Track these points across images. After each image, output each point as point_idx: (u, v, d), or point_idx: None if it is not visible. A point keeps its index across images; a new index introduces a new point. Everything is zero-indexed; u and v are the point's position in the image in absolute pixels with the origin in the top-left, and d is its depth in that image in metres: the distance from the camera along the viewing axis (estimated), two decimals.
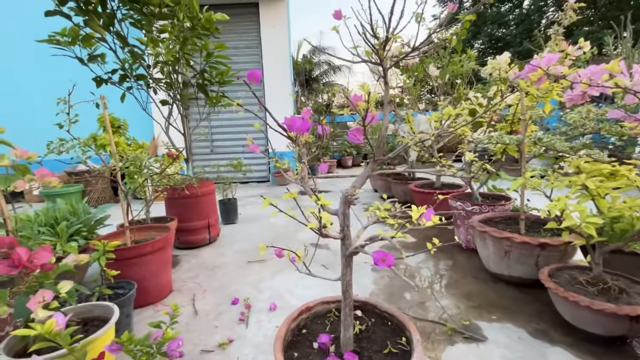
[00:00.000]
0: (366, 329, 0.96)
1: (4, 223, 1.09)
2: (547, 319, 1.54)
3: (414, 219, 0.73)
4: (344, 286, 0.88)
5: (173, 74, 2.65)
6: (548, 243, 1.63)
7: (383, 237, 0.75)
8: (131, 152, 2.26)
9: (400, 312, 0.99)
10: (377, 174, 4.22)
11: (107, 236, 1.91)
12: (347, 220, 0.90)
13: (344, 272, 0.88)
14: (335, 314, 1.05)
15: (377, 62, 0.87)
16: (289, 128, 0.94)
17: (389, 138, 4.20)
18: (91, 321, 1.31)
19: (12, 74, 5.78)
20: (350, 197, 0.89)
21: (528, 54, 12.69)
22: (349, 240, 0.89)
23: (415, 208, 0.76)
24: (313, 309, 1.04)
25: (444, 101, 3.14)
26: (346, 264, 0.87)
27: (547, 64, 1.75)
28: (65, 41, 2.11)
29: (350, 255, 0.87)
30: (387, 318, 0.99)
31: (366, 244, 0.82)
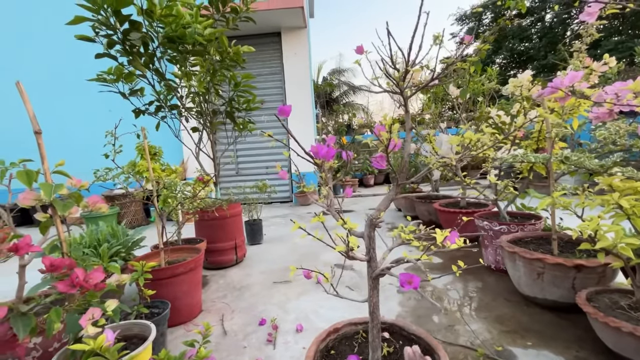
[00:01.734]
0: (394, 351, 0.96)
1: (60, 246, 1.21)
2: (587, 346, 1.45)
3: (438, 241, 0.76)
4: (371, 307, 0.90)
5: (203, 103, 2.84)
6: (584, 265, 1.57)
7: (408, 259, 0.78)
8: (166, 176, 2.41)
9: (429, 334, 0.99)
10: (400, 194, 4.20)
11: (143, 257, 2.03)
12: (373, 242, 0.93)
13: (370, 294, 0.90)
14: (362, 335, 1.06)
15: (397, 92, 0.93)
16: (315, 155, 1.00)
17: (411, 157, 4.20)
18: (130, 339, 1.38)
19: (57, 108, 6.37)
20: (375, 220, 0.93)
21: (553, 67, 12.40)
22: (375, 263, 0.92)
23: (439, 231, 0.78)
24: (341, 330, 1.06)
25: (465, 120, 3.13)
26: (373, 285, 0.90)
27: (571, 81, 1.74)
28: (111, 79, 2.35)
29: (377, 277, 0.89)
30: (415, 341, 1.00)
31: (392, 266, 0.85)
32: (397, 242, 0.97)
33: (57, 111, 6.34)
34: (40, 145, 1.21)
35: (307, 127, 6.15)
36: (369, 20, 49.14)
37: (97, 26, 1.93)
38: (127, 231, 2.23)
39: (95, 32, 2.00)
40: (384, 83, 1.03)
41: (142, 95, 2.64)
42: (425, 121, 3.97)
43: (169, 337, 1.75)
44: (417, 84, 1.03)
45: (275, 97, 6.30)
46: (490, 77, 3.38)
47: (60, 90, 6.37)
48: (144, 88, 2.63)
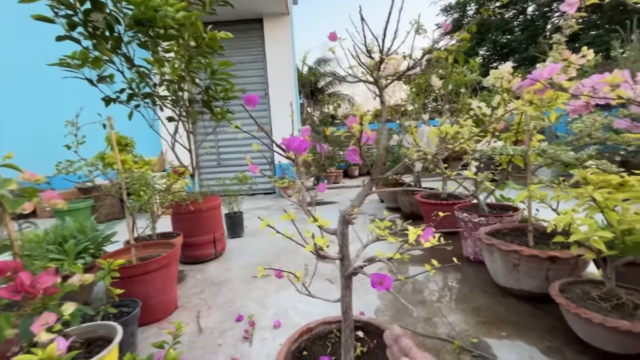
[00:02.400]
0: (368, 351, 0.94)
1: (10, 245, 1.11)
2: (559, 335, 1.48)
3: (410, 240, 0.72)
4: (344, 307, 0.87)
5: (179, 91, 2.71)
6: (558, 256, 1.59)
7: (380, 259, 0.74)
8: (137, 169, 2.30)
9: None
10: (382, 186, 4.20)
11: (114, 253, 1.94)
12: (346, 240, 0.89)
13: (343, 294, 0.87)
14: (336, 334, 1.03)
15: (371, 82, 0.88)
16: (287, 147, 0.95)
17: (394, 149, 4.19)
18: (95, 341, 1.31)
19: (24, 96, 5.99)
20: (348, 216, 0.88)
21: (534, 59, 12.62)
22: (348, 261, 0.88)
23: (412, 229, 0.75)
24: (314, 329, 1.02)
25: (447, 112, 3.13)
26: (345, 285, 0.86)
27: (550, 74, 1.74)
28: (76, 64, 2.18)
29: (349, 276, 0.86)
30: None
31: (365, 265, 0.81)
32: (372, 238, 0.93)
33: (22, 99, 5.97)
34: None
35: (289, 116, 6.03)
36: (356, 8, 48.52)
37: (56, 5, 1.78)
38: (96, 226, 2.12)
39: (54, 11, 1.84)
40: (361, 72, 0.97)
41: (112, 82, 2.49)
42: (408, 112, 3.95)
43: (141, 337, 1.68)
44: (394, 73, 0.98)
45: (257, 85, 6.14)
46: (473, 69, 3.38)
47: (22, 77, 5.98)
48: (114, 75, 2.48)
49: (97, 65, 2.28)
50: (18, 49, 6.00)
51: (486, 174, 2.56)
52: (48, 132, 5.82)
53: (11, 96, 6.04)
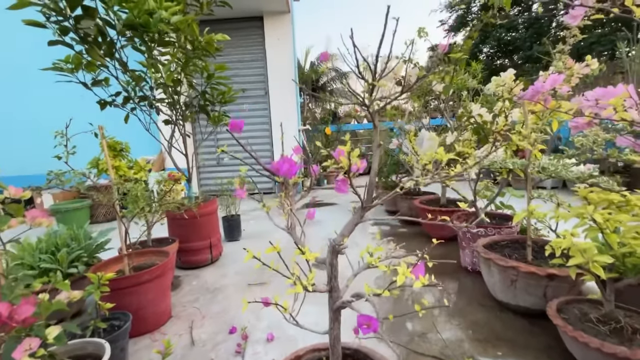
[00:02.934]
0: None
1: None
2: (556, 356, 1.46)
3: (399, 282, 0.69)
4: (332, 340, 0.84)
5: (175, 95, 2.67)
6: (556, 274, 1.56)
7: (367, 298, 0.71)
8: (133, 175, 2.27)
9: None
10: (381, 188, 4.16)
11: (106, 262, 1.92)
12: (335, 271, 0.86)
13: (331, 326, 0.84)
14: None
15: (364, 105, 0.84)
16: (276, 171, 0.91)
17: (394, 152, 4.15)
18: (84, 358, 1.30)
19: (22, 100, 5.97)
20: (338, 247, 0.85)
21: (538, 58, 12.47)
22: (337, 293, 0.85)
23: (402, 268, 0.72)
24: (303, 357, 1.00)
25: (448, 115, 3.08)
26: (334, 317, 0.84)
27: (552, 85, 1.69)
28: (69, 68, 2.15)
29: (337, 309, 0.83)
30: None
31: (353, 300, 0.78)
32: (363, 266, 0.90)
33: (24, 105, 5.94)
34: None
35: (290, 116, 5.99)
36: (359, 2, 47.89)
37: (46, 11, 1.74)
38: (89, 233, 2.10)
39: (45, 16, 1.81)
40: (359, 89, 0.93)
41: (107, 85, 2.45)
42: (407, 115, 3.90)
43: (133, 348, 1.67)
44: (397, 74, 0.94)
45: (257, 84, 6.08)
46: (475, 73, 3.31)
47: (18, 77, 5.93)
48: (109, 78, 2.44)
49: (91, 70, 2.24)
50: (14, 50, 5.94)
51: (486, 182, 2.52)
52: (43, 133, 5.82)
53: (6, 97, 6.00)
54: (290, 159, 0.92)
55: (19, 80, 5.93)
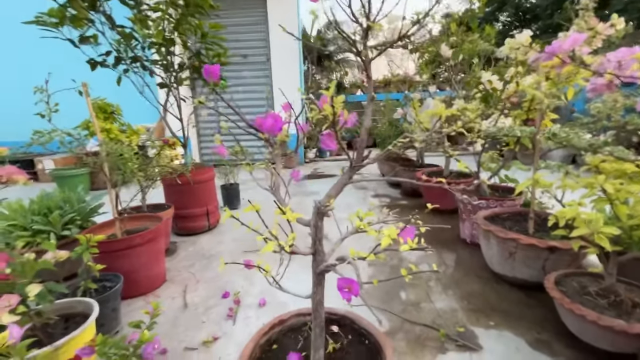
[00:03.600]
0: (340, 347, 0.89)
1: None
2: (550, 327, 1.43)
3: (383, 243, 0.63)
4: (315, 304, 0.81)
5: (168, 55, 2.54)
6: (557, 247, 1.50)
7: (350, 260, 0.66)
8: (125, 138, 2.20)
9: (379, 331, 0.91)
10: (384, 159, 4.07)
11: (100, 226, 1.91)
12: (320, 233, 0.81)
13: (314, 290, 0.80)
14: (310, 327, 0.98)
15: (355, 52, 0.75)
16: (259, 127, 0.84)
17: (399, 121, 4.00)
18: (73, 317, 1.30)
19: (7, 61, 5.79)
20: (323, 208, 0.79)
21: (558, 27, 11.74)
22: (321, 256, 0.80)
23: (390, 230, 0.65)
24: (287, 321, 0.98)
25: (457, 84, 2.91)
26: (317, 282, 0.79)
27: (572, 45, 1.54)
28: (53, 22, 2.02)
29: (321, 273, 0.78)
30: (365, 336, 0.92)
31: (337, 263, 0.73)
32: (350, 230, 0.84)
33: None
34: None
35: (293, 85, 5.78)
36: None
37: None
38: (83, 197, 2.07)
39: None
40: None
41: (95, 43, 2.32)
42: (415, 84, 3.72)
43: (127, 309, 1.69)
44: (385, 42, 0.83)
45: (258, 50, 5.83)
46: (488, 37, 3.09)
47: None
48: (97, 35, 2.31)
49: (77, 25, 2.11)
50: None
51: (491, 154, 2.42)
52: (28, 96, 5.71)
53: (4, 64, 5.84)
54: (276, 114, 0.84)
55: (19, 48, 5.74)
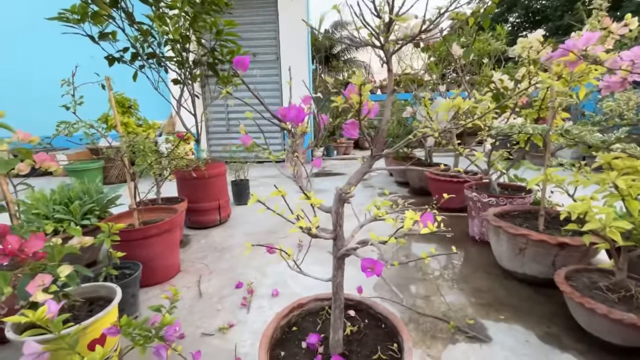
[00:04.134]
0: (358, 330, 0.92)
1: (6, 207, 1.11)
2: (560, 322, 1.45)
3: (406, 226, 0.66)
4: (335, 288, 0.84)
5: (183, 52, 2.59)
6: (567, 243, 1.52)
7: (372, 242, 0.69)
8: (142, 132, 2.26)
9: (395, 315, 0.95)
10: (392, 159, 4.09)
11: (118, 216, 1.96)
12: (341, 219, 0.84)
13: (335, 274, 0.84)
14: (327, 311, 1.02)
15: (377, 45, 0.78)
16: (284, 117, 0.88)
17: (408, 121, 4.02)
18: (97, 300, 1.35)
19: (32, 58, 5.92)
20: (344, 195, 0.83)
21: (569, 29, 11.63)
22: (342, 241, 0.84)
23: (411, 213, 0.69)
24: (305, 305, 1.01)
25: (467, 84, 2.93)
26: (337, 265, 0.83)
27: (585, 44, 1.56)
28: (75, 19, 2.09)
29: (342, 257, 0.82)
30: (382, 320, 0.95)
31: (358, 247, 0.77)
32: (369, 218, 0.88)
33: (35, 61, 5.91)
34: None
35: (302, 82, 5.82)
36: None
37: None
38: (101, 188, 2.13)
39: None
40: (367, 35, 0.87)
41: (114, 39, 2.39)
42: (424, 83, 3.73)
43: (144, 297, 1.74)
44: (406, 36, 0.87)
45: (268, 48, 5.88)
46: (499, 37, 3.10)
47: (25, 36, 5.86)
48: (116, 32, 2.37)
49: (97, 21, 2.18)
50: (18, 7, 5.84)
51: (501, 153, 2.43)
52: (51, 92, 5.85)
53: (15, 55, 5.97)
54: (298, 106, 0.88)
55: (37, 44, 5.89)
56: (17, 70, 6.06)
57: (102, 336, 1.19)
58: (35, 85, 6.01)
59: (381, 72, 13.23)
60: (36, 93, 5.97)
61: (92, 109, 2.94)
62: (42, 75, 6.00)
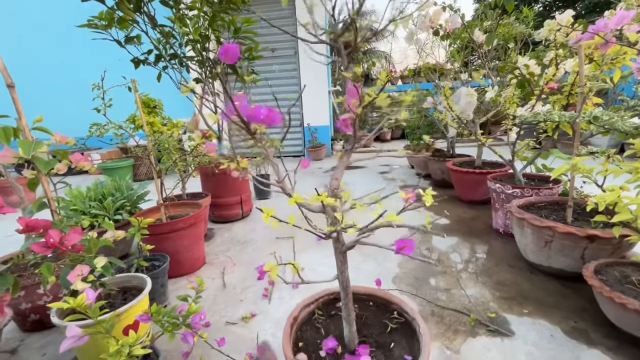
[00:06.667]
0: (357, 315, 0.95)
1: (48, 204, 1.21)
2: (588, 317, 1.40)
3: (427, 202, 0.66)
4: (343, 283, 0.86)
5: (203, 51, 2.67)
6: (598, 235, 1.45)
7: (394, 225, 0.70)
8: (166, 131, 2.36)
9: (409, 305, 0.95)
10: (412, 151, 4.02)
11: (146, 211, 2.08)
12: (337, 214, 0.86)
13: (341, 270, 0.86)
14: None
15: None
16: (250, 119, 0.77)
17: (428, 111, 3.93)
18: (130, 290, 1.45)
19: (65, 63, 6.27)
20: (335, 190, 0.84)
21: (606, 5, 10.79)
22: (342, 238, 0.85)
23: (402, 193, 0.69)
24: (333, 294, 1.04)
25: (491, 71, 2.81)
26: (342, 260, 0.85)
27: (618, 23, 1.47)
28: (102, 25, 2.20)
29: (345, 251, 0.84)
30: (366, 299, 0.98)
31: (362, 237, 0.78)
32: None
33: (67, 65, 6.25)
34: (14, 99, 1.16)
35: (320, 77, 5.82)
36: None
37: None
38: (131, 185, 2.26)
39: None
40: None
41: (139, 43, 2.50)
42: (445, 72, 3.62)
43: (172, 287, 1.84)
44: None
45: (286, 44, 5.90)
46: (526, 19, 2.95)
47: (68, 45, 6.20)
48: (140, 36, 2.48)
49: (123, 26, 2.28)
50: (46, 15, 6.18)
51: (527, 142, 2.34)
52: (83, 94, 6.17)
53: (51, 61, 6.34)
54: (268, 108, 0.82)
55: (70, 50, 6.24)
56: (52, 76, 6.46)
57: (135, 322, 1.29)
58: (69, 89, 6.37)
59: (403, 61, 12.91)
60: (69, 96, 6.34)
61: (121, 110, 3.11)
62: (75, 79, 6.37)
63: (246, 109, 0.69)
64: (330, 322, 0.99)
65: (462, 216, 2.66)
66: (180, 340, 1.11)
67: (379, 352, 0.83)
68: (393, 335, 0.87)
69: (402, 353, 0.80)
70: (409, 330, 0.87)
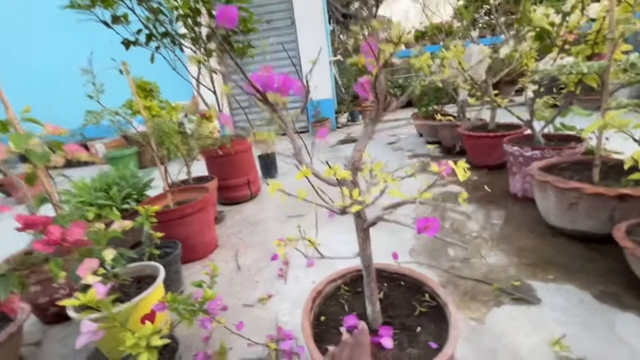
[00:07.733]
0: (384, 295, 0.90)
1: (49, 198, 1.17)
2: (618, 280, 1.34)
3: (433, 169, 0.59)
4: (366, 262, 0.80)
5: (195, 26, 2.51)
6: (629, 194, 1.36)
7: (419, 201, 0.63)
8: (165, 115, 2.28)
9: (433, 280, 0.90)
10: (420, 118, 3.87)
11: (153, 199, 2.04)
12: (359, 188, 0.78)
13: (363, 247, 0.80)
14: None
15: None
16: (264, 87, 0.72)
17: None
18: (144, 278, 1.44)
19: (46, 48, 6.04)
20: (356, 163, 0.76)
21: None
22: (364, 214, 0.78)
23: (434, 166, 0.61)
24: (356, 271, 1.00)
25: (502, 27, 2.61)
26: (364, 237, 0.78)
27: None
28: (86, 4, 2.07)
29: (367, 228, 0.77)
30: (399, 279, 0.93)
31: (384, 213, 0.72)
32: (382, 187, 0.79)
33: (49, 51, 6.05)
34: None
35: (319, 46, 5.55)
36: None
37: None
38: (135, 173, 2.21)
39: None
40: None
41: (126, 22, 2.36)
42: (454, 31, 3.39)
43: (187, 272, 1.84)
44: None
45: (282, 13, 5.60)
46: None
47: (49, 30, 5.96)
48: (127, 14, 2.33)
49: (107, 4, 2.15)
50: None
51: (545, 99, 2.19)
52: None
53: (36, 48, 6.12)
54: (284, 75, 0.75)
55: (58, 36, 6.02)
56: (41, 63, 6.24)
57: (152, 311, 1.28)
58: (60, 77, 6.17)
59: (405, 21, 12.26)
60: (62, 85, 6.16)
61: (117, 96, 3.01)
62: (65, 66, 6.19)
63: (259, 78, 0.61)
64: (356, 299, 0.95)
65: (476, 183, 2.56)
66: (199, 326, 1.09)
67: (402, 335, 0.79)
68: (421, 319, 0.82)
69: (427, 339, 0.76)
70: (440, 315, 0.82)
